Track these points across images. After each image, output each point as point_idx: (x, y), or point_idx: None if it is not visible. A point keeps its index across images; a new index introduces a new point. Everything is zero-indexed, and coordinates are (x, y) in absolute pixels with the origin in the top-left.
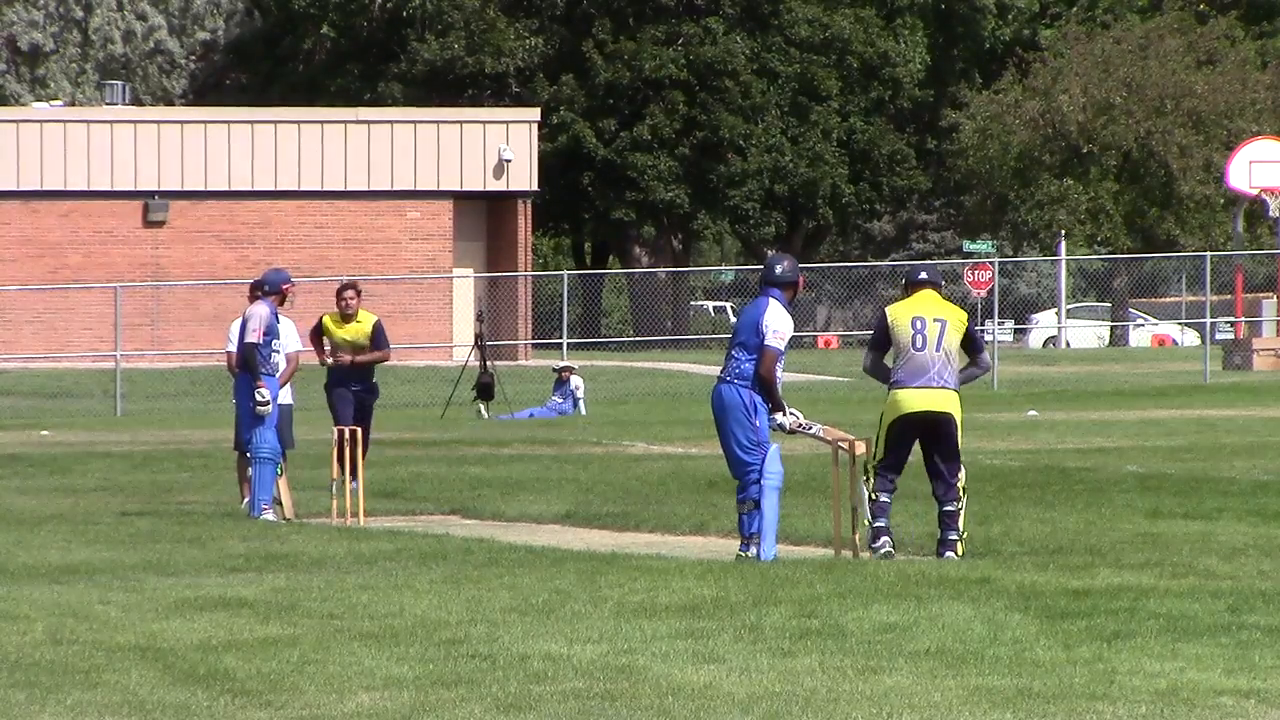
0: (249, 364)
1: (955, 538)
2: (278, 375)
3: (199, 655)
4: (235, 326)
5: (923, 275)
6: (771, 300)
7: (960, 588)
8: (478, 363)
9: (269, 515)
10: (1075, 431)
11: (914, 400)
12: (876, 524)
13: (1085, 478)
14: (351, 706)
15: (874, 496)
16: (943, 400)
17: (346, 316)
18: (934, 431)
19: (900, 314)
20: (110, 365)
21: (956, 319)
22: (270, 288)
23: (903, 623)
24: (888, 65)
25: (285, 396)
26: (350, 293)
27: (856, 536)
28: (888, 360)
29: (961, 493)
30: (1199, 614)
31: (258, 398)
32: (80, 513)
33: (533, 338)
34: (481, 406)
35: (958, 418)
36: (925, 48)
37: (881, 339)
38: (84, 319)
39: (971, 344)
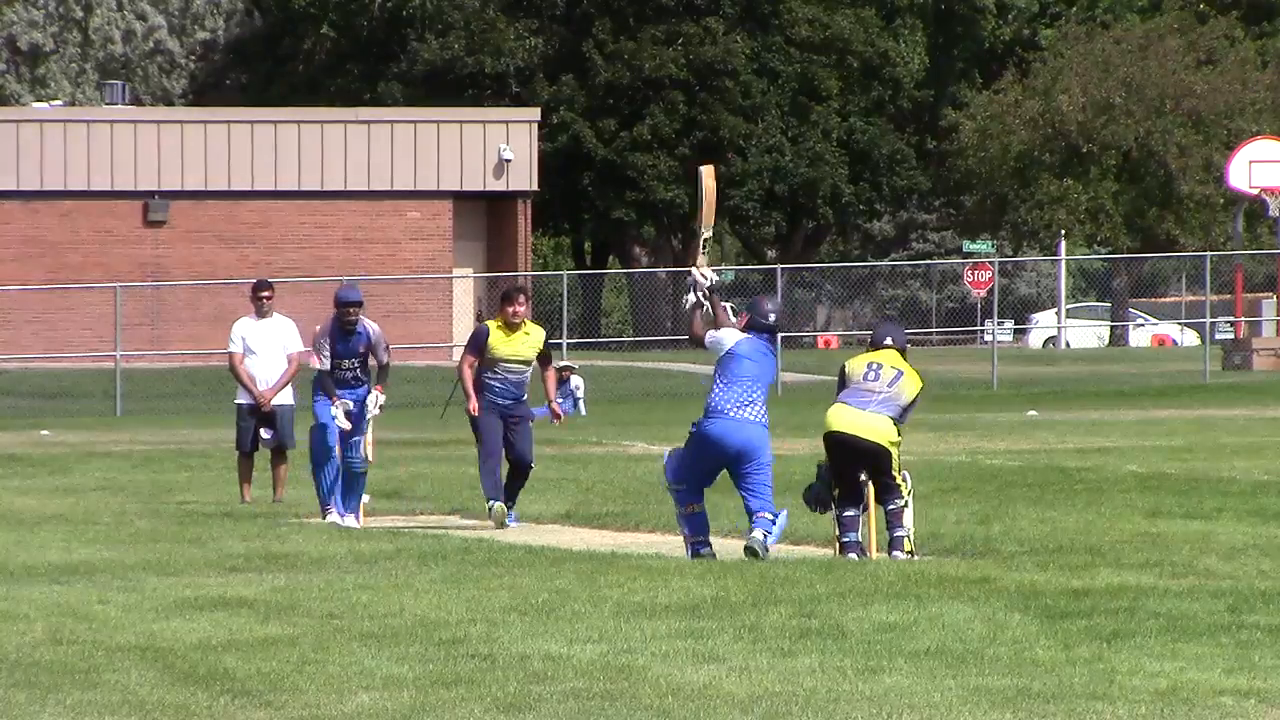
0: (322, 388)
1: (902, 534)
2: (361, 388)
3: (199, 655)
4: (237, 328)
5: (888, 341)
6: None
7: (960, 588)
8: None
9: (333, 516)
10: (1075, 431)
11: (842, 417)
12: (844, 539)
13: (1085, 478)
14: (351, 706)
15: (837, 511)
16: (872, 426)
17: (512, 327)
18: (862, 458)
19: (857, 360)
20: (110, 365)
21: (912, 377)
22: (336, 303)
23: (903, 623)
24: (888, 65)
25: (286, 397)
26: (522, 298)
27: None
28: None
29: (905, 494)
30: (1199, 614)
31: (337, 412)
32: (80, 513)
33: None
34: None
35: (889, 445)
36: (925, 48)
37: (843, 383)
38: (84, 319)
39: (903, 414)
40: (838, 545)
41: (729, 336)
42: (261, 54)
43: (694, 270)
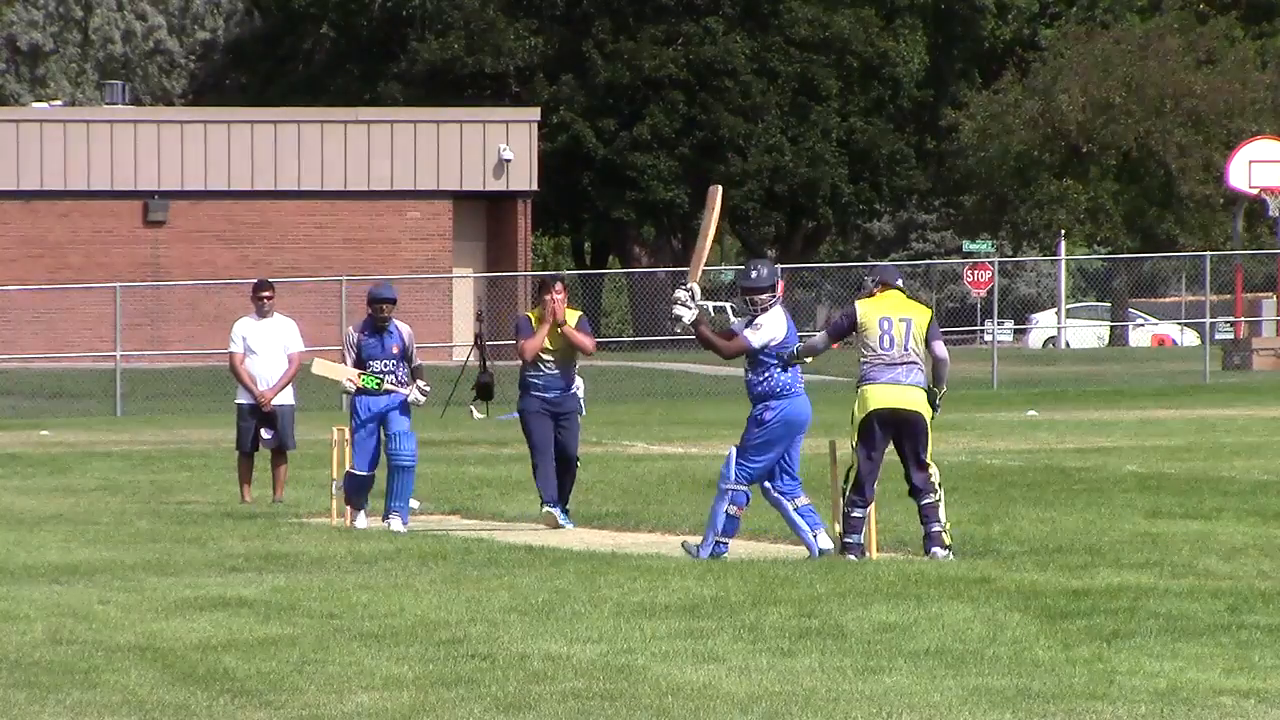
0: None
1: (939, 529)
2: (399, 389)
3: (199, 655)
4: (238, 327)
5: (899, 282)
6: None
7: (960, 588)
8: (477, 363)
9: (360, 522)
10: (1075, 431)
11: (881, 396)
12: (847, 540)
13: (1085, 478)
14: (351, 706)
15: (846, 509)
16: (910, 398)
17: (547, 318)
18: (903, 429)
19: (869, 314)
20: (110, 365)
21: (921, 317)
22: (369, 301)
23: (903, 623)
24: (888, 65)
25: (286, 397)
26: (560, 287)
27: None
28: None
29: (937, 486)
30: (1199, 614)
31: (348, 382)
32: (80, 513)
33: None
34: (473, 407)
35: (927, 416)
36: (925, 48)
37: (844, 328)
38: (84, 319)
39: (930, 335)
40: (839, 543)
41: (778, 326)
42: (261, 54)
43: (693, 286)
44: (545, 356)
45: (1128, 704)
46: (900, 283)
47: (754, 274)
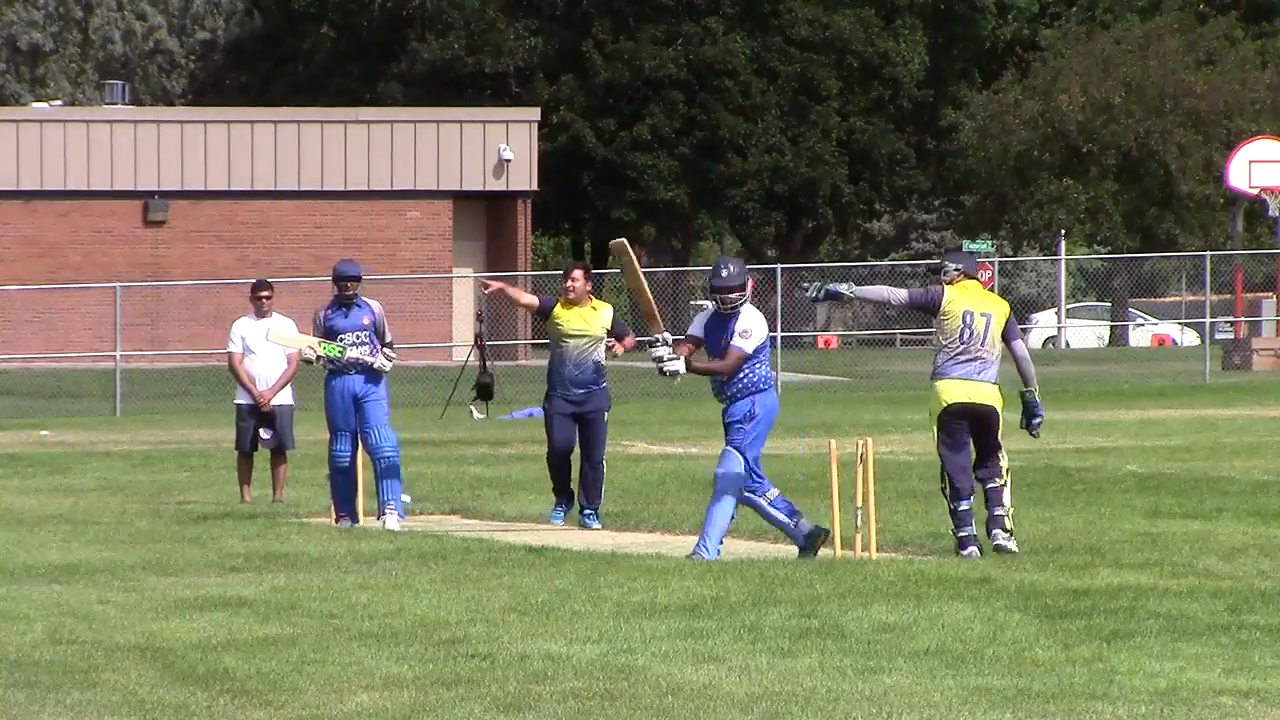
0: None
1: (1002, 513)
2: (364, 357)
3: (199, 655)
4: (237, 327)
5: (965, 270)
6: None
7: (960, 588)
8: (477, 363)
9: (345, 522)
10: (1075, 431)
11: (957, 391)
12: (961, 534)
13: (1085, 478)
14: (351, 706)
15: (952, 506)
16: (985, 393)
17: (572, 303)
18: (979, 424)
19: (954, 305)
20: (110, 365)
21: (1000, 312)
22: (334, 278)
23: (902, 623)
24: (888, 65)
25: (285, 397)
26: (578, 273)
27: (858, 536)
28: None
29: (1005, 472)
30: (1199, 614)
31: (306, 351)
32: (80, 513)
33: (533, 338)
34: (473, 407)
35: (999, 410)
36: (925, 48)
37: (926, 306)
38: (84, 319)
39: (1009, 334)
40: (955, 542)
41: (761, 325)
42: (261, 54)
43: (664, 335)
44: (575, 340)
45: (1128, 704)
46: (975, 274)
47: (725, 272)
